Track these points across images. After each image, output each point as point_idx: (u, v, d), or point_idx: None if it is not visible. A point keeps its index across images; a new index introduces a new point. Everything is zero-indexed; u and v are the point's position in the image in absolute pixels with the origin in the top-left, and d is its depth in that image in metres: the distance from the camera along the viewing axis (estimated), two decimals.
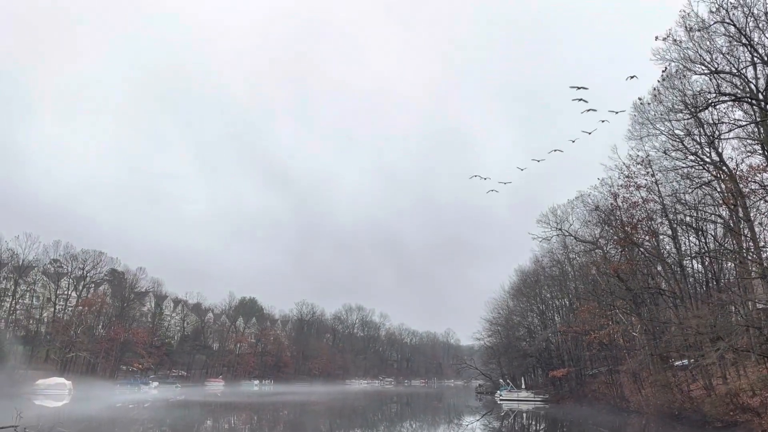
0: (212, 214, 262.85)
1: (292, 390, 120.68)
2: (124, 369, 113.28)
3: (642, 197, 45.75)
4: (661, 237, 49.63)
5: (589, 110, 36.53)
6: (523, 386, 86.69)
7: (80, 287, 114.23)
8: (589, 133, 40.15)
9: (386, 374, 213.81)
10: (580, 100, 35.96)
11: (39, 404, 58.34)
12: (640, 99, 40.76)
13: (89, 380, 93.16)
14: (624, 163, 44.44)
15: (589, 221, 57.67)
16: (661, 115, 38.90)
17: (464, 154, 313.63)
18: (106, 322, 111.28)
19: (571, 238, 64.14)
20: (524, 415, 59.31)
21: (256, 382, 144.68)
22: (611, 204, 48.30)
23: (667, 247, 50.13)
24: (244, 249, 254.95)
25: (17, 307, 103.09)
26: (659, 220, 47.84)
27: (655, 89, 38.74)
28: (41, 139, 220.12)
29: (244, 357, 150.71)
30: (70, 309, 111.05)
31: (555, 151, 45.27)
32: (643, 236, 48.35)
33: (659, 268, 51.11)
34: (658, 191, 45.01)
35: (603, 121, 38.62)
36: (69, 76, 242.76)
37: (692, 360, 41.98)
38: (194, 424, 44.34)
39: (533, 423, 52.28)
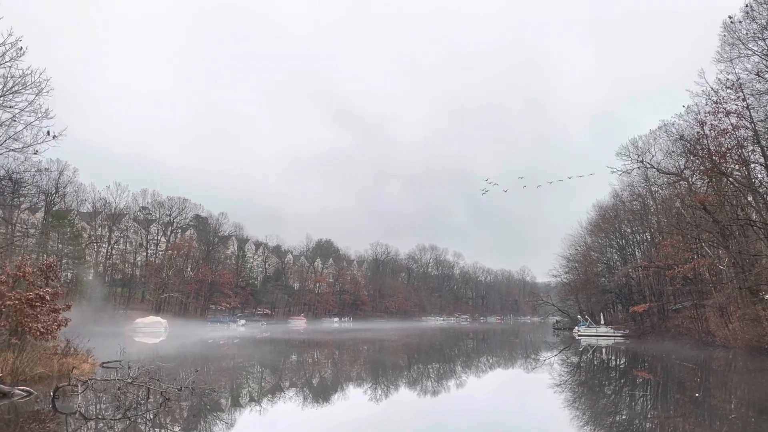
0: (284, 155, 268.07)
1: (370, 327, 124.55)
2: (213, 308, 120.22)
3: (732, 124, 42.94)
4: (752, 165, 46.72)
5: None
6: (602, 322, 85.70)
7: (168, 232, 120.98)
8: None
9: (461, 311, 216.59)
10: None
11: (139, 341, 63.01)
12: (730, 17, 37.73)
13: (182, 319, 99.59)
14: (712, 88, 41.59)
15: (673, 152, 55.03)
16: (754, 33, 35.96)
17: (538, 80, 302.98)
18: (194, 265, 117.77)
19: (654, 170, 61.50)
20: (603, 350, 58.86)
21: (336, 319, 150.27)
22: (697, 132, 45.65)
23: (759, 176, 47.19)
24: (317, 190, 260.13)
25: (113, 252, 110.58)
26: (750, 147, 44.89)
27: (747, 5, 35.72)
28: (107, 87, 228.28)
29: (323, 296, 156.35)
30: (160, 253, 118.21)
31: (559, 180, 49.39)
32: (732, 165, 45.66)
33: (750, 198, 48.33)
34: (750, 117, 42.06)
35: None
36: (127, 21, 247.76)
37: None
38: (281, 358, 46.82)
39: (613, 357, 51.85)
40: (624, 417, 20.33)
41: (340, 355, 53.04)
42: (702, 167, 47.33)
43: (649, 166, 61.40)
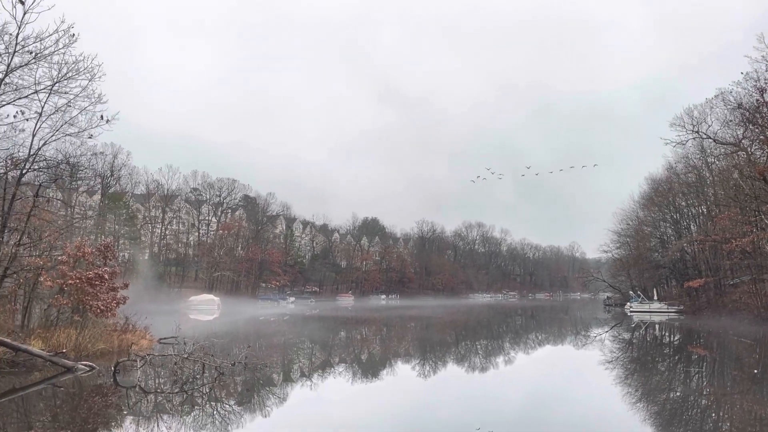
0: (329, 134, 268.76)
1: (417, 303, 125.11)
2: (263, 286, 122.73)
3: None
4: None
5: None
6: (655, 297, 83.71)
7: (218, 213, 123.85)
8: None
9: (509, 288, 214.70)
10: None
11: (193, 318, 64.93)
12: None
13: (234, 296, 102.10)
14: None
15: (731, 121, 52.81)
16: None
17: (587, 48, 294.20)
18: (244, 244, 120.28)
19: (710, 140, 59.28)
20: (656, 326, 57.63)
21: (383, 296, 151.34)
22: (757, 100, 43.55)
23: None
24: (362, 168, 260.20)
25: (166, 232, 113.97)
26: None
27: None
28: (154, 71, 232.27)
29: (370, 273, 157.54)
30: (212, 233, 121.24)
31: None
32: None
33: None
34: None
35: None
36: (169, 2, 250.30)
37: None
38: (330, 334, 47.59)
39: (666, 334, 50.70)
40: (678, 394, 19.91)
41: (388, 332, 53.55)
42: (762, 136, 45.30)
43: (705, 136, 59.25)
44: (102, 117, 25.76)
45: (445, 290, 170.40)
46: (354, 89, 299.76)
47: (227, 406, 16.87)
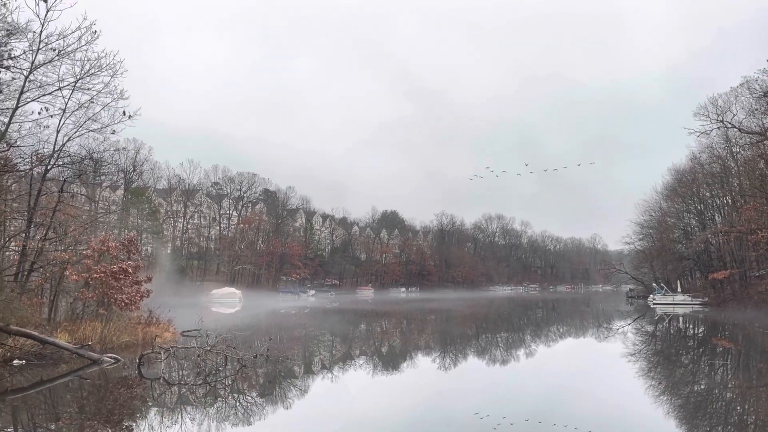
0: (347, 127, 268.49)
1: (437, 296, 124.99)
2: (284, 279, 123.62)
3: None
4: None
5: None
6: (679, 290, 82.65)
7: (239, 207, 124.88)
8: None
9: (530, 280, 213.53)
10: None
11: (215, 311, 65.59)
12: None
13: (255, 290, 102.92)
14: None
15: (757, 110, 51.76)
16: None
17: (606, 38, 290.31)
18: (265, 238, 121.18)
19: (735, 130, 58.18)
20: (680, 318, 56.92)
21: (403, 289, 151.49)
22: None
23: None
24: (381, 161, 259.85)
25: (188, 226, 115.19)
26: None
27: None
28: (172, 66, 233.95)
29: (389, 266, 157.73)
30: (232, 227, 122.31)
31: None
32: None
33: None
34: None
35: None
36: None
37: None
38: (351, 327, 47.77)
39: (690, 326, 50.07)
40: (702, 387, 19.68)
41: (408, 325, 53.59)
42: None
43: (729, 125, 58.14)
44: (124, 113, 26.14)
45: (465, 283, 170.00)
46: (372, 83, 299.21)
47: (249, 397, 17.05)
